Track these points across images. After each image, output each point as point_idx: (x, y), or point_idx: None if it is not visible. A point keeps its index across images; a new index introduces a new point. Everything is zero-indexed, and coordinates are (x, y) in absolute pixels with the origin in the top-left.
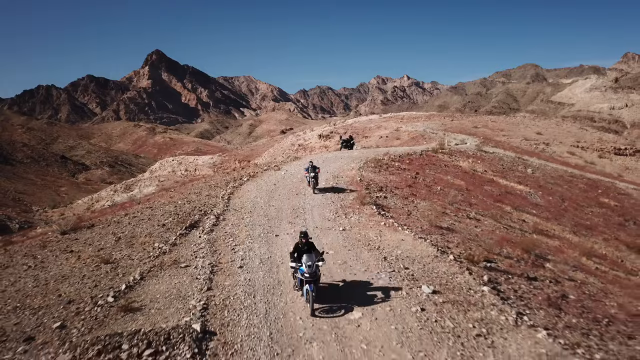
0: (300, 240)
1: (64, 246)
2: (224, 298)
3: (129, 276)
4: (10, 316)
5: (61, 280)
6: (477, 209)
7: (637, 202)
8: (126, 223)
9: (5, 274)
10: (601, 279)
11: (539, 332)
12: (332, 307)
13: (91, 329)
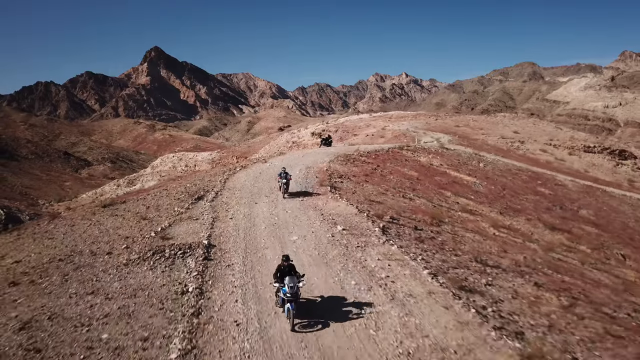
0: (282, 262)
1: (109, 213)
2: (220, 232)
3: (161, 224)
4: (92, 245)
5: (117, 228)
6: (417, 192)
7: (570, 191)
8: (150, 199)
9: (76, 228)
10: (485, 238)
11: (393, 246)
12: (284, 233)
13: (145, 246)
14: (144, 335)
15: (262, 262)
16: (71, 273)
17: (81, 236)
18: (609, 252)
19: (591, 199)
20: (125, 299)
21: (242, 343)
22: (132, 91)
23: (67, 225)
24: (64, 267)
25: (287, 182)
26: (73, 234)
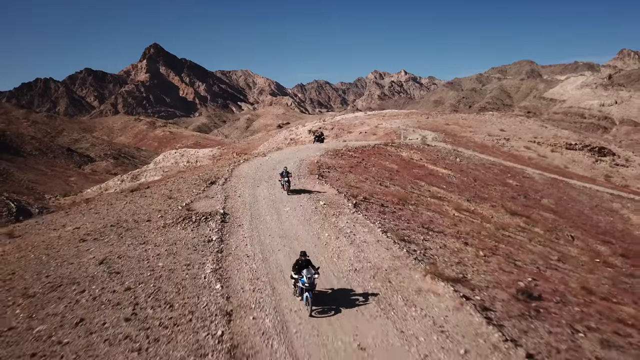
0: (300, 257)
1: (139, 194)
2: (231, 205)
3: (184, 201)
4: (133, 216)
5: (149, 205)
6: (393, 182)
7: (536, 183)
8: (171, 184)
9: (115, 206)
10: (442, 216)
11: (359, 215)
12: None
13: (175, 215)
14: (187, 263)
15: (263, 223)
16: (124, 233)
17: (122, 210)
18: (561, 234)
19: (554, 190)
20: (168, 246)
21: (251, 265)
22: (131, 88)
23: (106, 204)
24: (116, 229)
25: (288, 180)
26: (114, 210)
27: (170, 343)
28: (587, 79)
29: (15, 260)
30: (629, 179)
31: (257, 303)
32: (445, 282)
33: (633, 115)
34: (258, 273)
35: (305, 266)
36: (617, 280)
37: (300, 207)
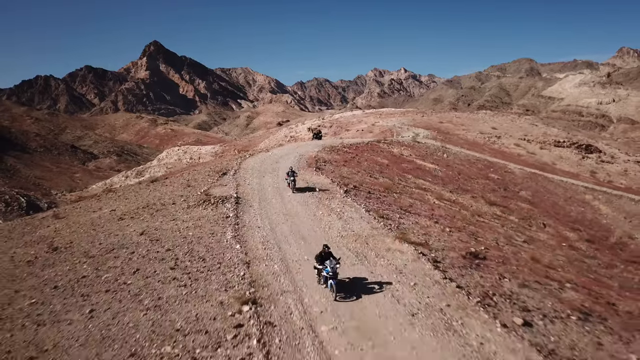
0: (323, 250)
1: (160, 184)
2: (242, 191)
3: (202, 188)
4: (159, 200)
5: (171, 192)
6: (383, 174)
7: (516, 177)
8: (187, 175)
9: (141, 192)
10: (423, 203)
11: (349, 199)
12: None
13: (196, 198)
14: (211, 232)
15: (270, 205)
16: (155, 213)
17: (148, 197)
18: (534, 221)
19: (532, 183)
20: (194, 221)
21: (262, 233)
22: (131, 85)
23: (132, 192)
24: (148, 210)
25: (294, 180)
26: (141, 196)
27: (206, 281)
28: (585, 77)
29: (68, 234)
30: (613, 174)
31: (267, 256)
32: (409, 244)
33: (630, 114)
34: (267, 238)
35: (327, 257)
36: (573, 258)
37: (298, 194)
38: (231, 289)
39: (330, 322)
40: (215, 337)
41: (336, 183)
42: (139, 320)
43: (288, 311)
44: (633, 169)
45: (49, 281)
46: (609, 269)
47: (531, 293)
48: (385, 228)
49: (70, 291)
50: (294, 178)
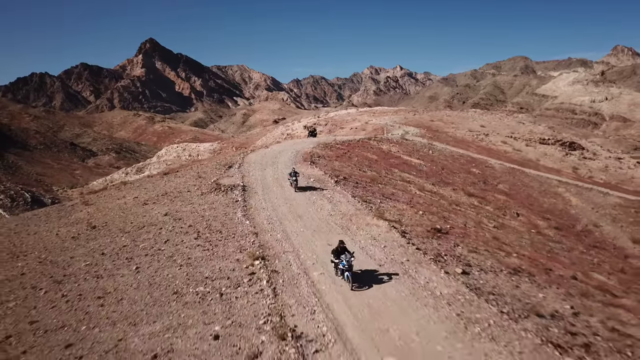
0: (339, 245)
1: (173, 176)
2: (248, 181)
3: (212, 179)
4: (175, 189)
5: (185, 182)
6: (371, 168)
7: (495, 171)
8: (196, 168)
9: (157, 183)
10: (404, 193)
11: (338, 187)
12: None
13: (208, 187)
14: (225, 212)
15: (271, 191)
16: (173, 199)
17: (164, 186)
18: (508, 211)
19: (510, 177)
20: (208, 205)
21: (266, 213)
22: (127, 83)
23: (149, 182)
24: (167, 197)
25: (296, 179)
26: (158, 186)
27: (224, 246)
28: (579, 75)
29: (102, 216)
30: (594, 170)
31: (271, 229)
32: (384, 221)
33: (622, 112)
34: (271, 216)
35: (343, 252)
36: (537, 241)
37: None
38: (245, 251)
39: (320, 270)
40: (235, 280)
41: (328, 175)
42: (175, 273)
43: (288, 264)
44: (613, 165)
45: (96, 250)
46: (570, 252)
47: (477, 257)
48: (366, 209)
49: (116, 256)
50: (295, 178)
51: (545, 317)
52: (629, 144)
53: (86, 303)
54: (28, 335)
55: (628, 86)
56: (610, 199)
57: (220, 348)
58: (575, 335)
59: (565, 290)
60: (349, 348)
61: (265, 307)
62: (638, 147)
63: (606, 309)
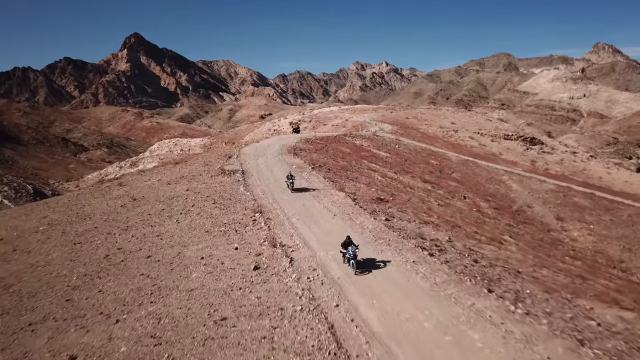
0: (346, 239)
1: (183, 165)
2: (245, 167)
3: (217, 166)
4: (189, 174)
5: (195, 169)
6: (344, 159)
7: (452, 163)
8: (201, 159)
9: (173, 170)
10: (367, 178)
11: (314, 171)
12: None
13: (215, 171)
14: (231, 188)
15: (264, 174)
16: (190, 180)
17: (179, 172)
18: (457, 195)
19: (463, 167)
20: (218, 183)
21: (261, 187)
22: (112, 78)
23: (165, 169)
24: (184, 179)
25: (292, 182)
26: (173, 173)
27: (234, 207)
28: (558, 73)
29: (137, 192)
30: (550, 163)
31: (265, 197)
32: (343, 192)
33: (600, 108)
34: (264, 190)
35: (349, 244)
36: (473, 216)
37: (282, 167)
38: (248, 209)
39: (297, 217)
40: (244, 223)
41: (307, 163)
42: (204, 222)
43: (277, 214)
44: (568, 159)
45: (143, 212)
46: (498, 223)
47: (403, 214)
48: (332, 186)
49: (159, 215)
50: (292, 181)
51: (425, 239)
52: (603, 139)
53: (150, 238)
54: (120, 255)
55: (607, 83)
56: (545, 185)
57: (239, 252)
58: (439, 247)
59: (455, 234)
60: (308, 248)
61: (264, 235)
62: (610, 143)
63: (475, 243)
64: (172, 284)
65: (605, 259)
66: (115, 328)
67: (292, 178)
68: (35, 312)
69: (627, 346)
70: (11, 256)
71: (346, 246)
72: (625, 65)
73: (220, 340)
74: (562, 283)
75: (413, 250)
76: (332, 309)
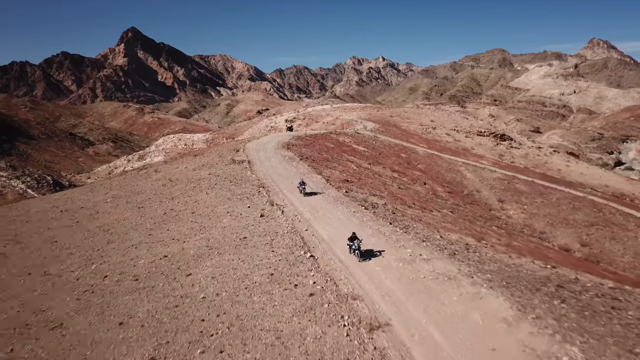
0: (352, 234)
1: (201, 156)
2: (250, 159)
3: (229, 157)
4: (207, 162)
5: (212, 159)
6: (328, 153)
7: (419, 156)
8: (214, 151)
9: (194, 160)
10: (344, 167)
11: (302, 162)
12: (269, 159)
13: (228, 161)
14: (241, 173)
15: (265, 163)
16: (210, 167)
17: (200, 161)
18: (420, 181)
19: (428, 160)
20: (231, 170)
21: (263, 172)
22: (109, 72)
23: (188, 160)
24: (205, 167)
25: (304, 188)
26: (194, 162)
27: (244, 185)
28: (550, 69)
29: (171, 176)
30: (516, 157)
31: (266, 178)
32: (321, 175)
33: (589, 104)
34: (265, 174)
35: (355, 238)
36: (427, 197)
37: (278, 157)
38: (254, 185)
39: (286, 190)
40: (251, 193)
41: (297, 155)
42: (225, 193)
43: (275, 189)
44: (533, 153)
45: (180, 189)
46: (446, 203)
47: (360, 189)
48: (314, 171)
49: (192, 190)
50: (304, 187)
51: (367, 202)
52: (588, 135)
53: (190, 204)
54: (173, 213)
55: (599, 79)
56: (494, 174)
57: (250, 208)
58: (374, 206)
59: (392, 202)
60: (293, 205)
61: (265, 200)
62: (595, 138)
63: (405, 208)
64: (212, 224)
65: (530, 231)
66: (184, 244)
67: (304, 184)
68: (133, 240)
69: (452, 248)
70: (97, 216)
71: (352, 239)
72: (617, 61)
73: (244, 246)
74: (448, 227)
75: (356, 207)
76: (303, 231)
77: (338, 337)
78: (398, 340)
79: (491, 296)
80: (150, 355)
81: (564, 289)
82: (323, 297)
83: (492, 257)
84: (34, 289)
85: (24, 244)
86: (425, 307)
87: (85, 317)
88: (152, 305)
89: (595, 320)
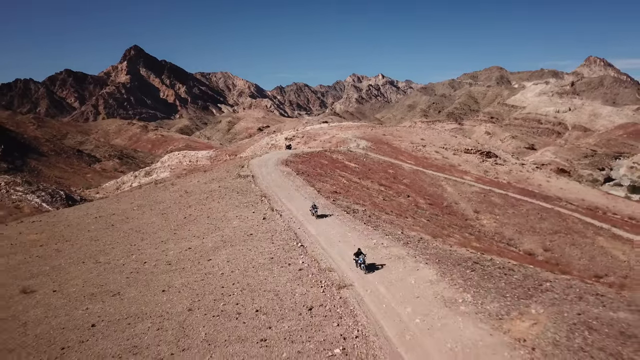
0: (358, 250)
1: (210, 172)
2: (254, 174)
3: (235, 172)
4: (215, 176)
5: (220, 174)
6: (322, 169)
7: (405, 172)
8: (221, 167)
9: (205, 175)
10: (335, 181)
11: (298, 176)
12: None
13: (235, 175)
14: (245, 185)
15: (266, 178)
16: (219, 181)
17: (210, 176)
18: (404, 194)
19: (413, 175)
20: (237, 183)
21: (265, 184)
22: (112, 89)
23: (199, 174)
24: (215, 180)
25: (316, 210)
26: (206, 176)
27: (249, 195)
28: (545, 87)
29: (186, 188)
30: (500, 173)
31: (267, 189)
32: (313, 188)
33: (584, 122)
34: (267, 185)
35: (360, 253)
36: (409, 207)
37: (277, 172)
38: (257, 195)
39: (284, 199)
40: (255, 201)
41: (294, 171)
42: (234, 202)
43: (274, 197)
44: (516, 169)
45: (196, 199)
46: (425, 213)
47: (346, 199)
48: (307, 184)
49: (206, 199)
50: (316, 210)
51: (350, 208)
52: (581, 152)
53: (205, 210)
54: (192, 217)
55: (595, 97)
56: (472, 188)
57: (254, 213)
58: (355, 211)
59: (371, 210)
60: (289, 210)
61: (266, 206)
62: (588, 155)
63: (382, 214)
64: (224, 225)
65: (500, 237)
66: (203, 240)
67: (315, 208)
68: (161, 238)
69: (407, 240)
70: (128, 220)
71: (358, 255)
72: (613, 79)
73: (250, 240)
74: (413, 228)
75: (340, 212)
76: (297, 229)
77: (317, 293)
78: (357, 293)
79: (425, 268)
80: (188, 307)
81: (478, 264)
82: (308, 271)
83: (436, 246)
84: (90, 272)
85: (72, 242)
86: (379, 275)
87: (136, 288)
88: (185, 279)
89: (489, 280)
